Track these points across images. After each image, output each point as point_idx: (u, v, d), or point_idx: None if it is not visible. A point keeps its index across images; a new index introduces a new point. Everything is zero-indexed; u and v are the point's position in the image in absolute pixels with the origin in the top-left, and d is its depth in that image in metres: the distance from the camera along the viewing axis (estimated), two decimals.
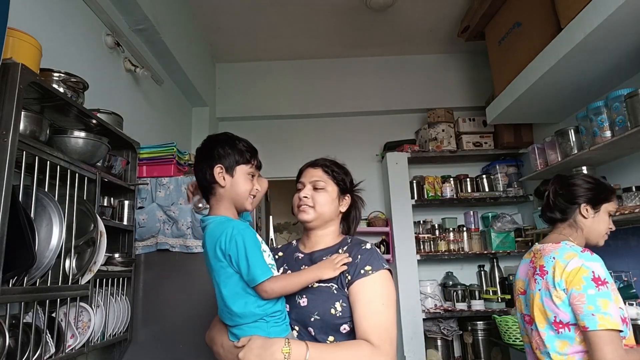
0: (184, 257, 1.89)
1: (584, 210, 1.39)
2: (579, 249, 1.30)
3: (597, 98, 2.22)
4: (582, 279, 1.20)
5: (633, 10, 1.62)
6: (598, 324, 1.15)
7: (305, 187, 1.20)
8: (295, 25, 3.22)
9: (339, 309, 1.04)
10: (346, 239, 1.20)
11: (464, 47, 3.44)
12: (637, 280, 2.10)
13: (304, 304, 1.06)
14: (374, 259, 1.09)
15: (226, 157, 1.07)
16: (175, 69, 2.78)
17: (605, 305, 1.16)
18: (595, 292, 1.18)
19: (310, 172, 1.22)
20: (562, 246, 1.33)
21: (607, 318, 1.15)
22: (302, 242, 1.25)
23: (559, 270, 1.26)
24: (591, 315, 1.16)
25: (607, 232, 1.42)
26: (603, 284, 1.19)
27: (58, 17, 1.70)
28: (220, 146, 1.08)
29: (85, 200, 1.41)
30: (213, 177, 1.06)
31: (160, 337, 1.83)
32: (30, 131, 1.20)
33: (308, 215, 1.17)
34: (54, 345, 1.25)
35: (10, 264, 1.05)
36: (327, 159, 1.25)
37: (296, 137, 3.60)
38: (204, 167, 1.08)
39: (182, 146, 2.72)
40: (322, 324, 1.04)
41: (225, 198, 1.08)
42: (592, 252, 1.28)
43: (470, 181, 3.32)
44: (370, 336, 1.00)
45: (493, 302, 2.92)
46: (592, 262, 1.23)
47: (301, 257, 1.20)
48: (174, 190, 1.92)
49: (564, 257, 1.28)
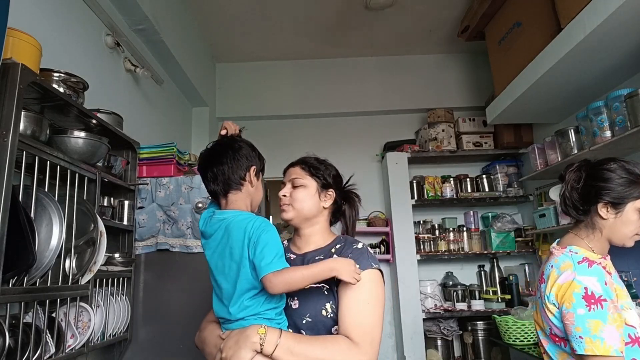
0: (184, 257, 1.89)
1: (602, 210, 1.17)
2: (578, 258, 1.14)
3: (597, 98, 2.22)
4: (572, 295, 1.06)
5: (633, 10, 1.62)
6: (585, 349, 1.02)
7: (285, 186, 1.20)
8: (295, 25, 3.22)
9: (329, 310, 1.03)
10: (339, 238, 1.19)
11: (464, 47, 3.44)
12: (637, 280, 2.10)
13: (295, 307, 1.06)
14: (362, 258, 1.08)
15: (258, 162, 1.16)
16: (175, 69, 2.78)
17: (596, 327, 1.02)
18: (585, 312, 1.03)
19: (289, 171, 1.22)
20: (565, 253, 1.18)
21: (595, 343, 1.01)
22: (293, 242, 1.24)
23: (551, 282, 1.14)
24: (578, 337, 1.04)
25: (637, 233, 1.18)
26: (596, 303, 1.03)
27: (58, 17, 1.70)
28: (255, 151, 1.16)
29: (85, 200, 1.41)
30: (249, 175, 1.11)
31: (160, 337, 1.83)
32: (30, 131, 1.20)
33: (287, 213, 1.16)
34: (54, 345, 1.25)
35: (10, 264, 1.05)
36: (307, 157, 1.24)
37: (296, 137, 3.60)
38: (243, 163, 1.11)
39: (182, 146, 2.72)
40: (313, 325, 1.03)
41: (248, 197, 1.12)
42: (592, 264, 1.12)
43: (470, 181, 3.32)
44: (351, 333, 0.99)
45: (493, 302, 2.92)
46: (585, 276, 1.08)
47: (293, 258, 1.18)
48: (174, 190, 1.92)
49: (560, 267, 1.15)
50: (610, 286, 1.09)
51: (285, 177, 1.23)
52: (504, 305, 2.90)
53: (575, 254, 1.16)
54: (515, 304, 2.83)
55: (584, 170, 1.22)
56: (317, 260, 1.12)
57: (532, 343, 2.21)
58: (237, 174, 1.10)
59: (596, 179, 1.19)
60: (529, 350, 2.13)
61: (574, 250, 1.18)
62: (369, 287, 1.04)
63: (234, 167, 1.10)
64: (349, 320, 1.00)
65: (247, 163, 1.11)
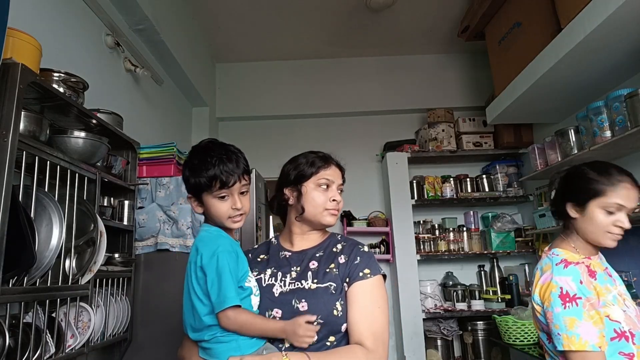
0: (184, 257, 1.88)
1: (571, 211, 1.24)
2: (556, 259, 1.21)
3: (597, 98, 2.22)
4: (550, 295, 1.14)
5: (633, 10, 1.62)
6: (563, 345, 1.09)
7: (332, 188, 1.14)
8: (295, 25, 3.22)
9: (340, 309, 1.02)
10: (334, 235, 1.18)
11: (464, 47, 3.44)
12: (637, 280, 2.10)
13: (303, 308, 1.02)
14: (372, 262, 1.09)
15: (191, 188, 1.09)
16: (175, 69, 2.78)
17: (572, 324, 1.08)
18: (561, 310, 1.11)
19: (337, 173, 1.17)
20: (548, 255, 1.26)
21: (571, 338, 1.08)
22: (285, 239, 1.20)
23: (535, 283, 1.23)
24: (557, 334, 1.11)
25: (608, 231, 1.20)
26: (571, 301, 1.10)
27: (58, 17, 1.70)
28: (191, 173, 1.09)
29: (85, 200, 1.41)
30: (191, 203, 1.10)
31: (160, 337, 1.83)
32: (30, 131, 1.20)
33: (334, 218, 1.14)
34: (54, 345, 1.25)
35: (10, 264, 1.05)
36: (336, 158, 1.21)
37: (296, 137, 3.60)
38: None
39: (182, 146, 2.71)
40: (326, 327, 1.01)
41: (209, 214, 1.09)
42: (570, 264, 1.18)
43: (470, 181, 3.32)
44: (366, 340, 0.99)
45: (493, 302, 2.92)
46: (562, 276, 1.15)
47: (289, 255, 1.15)
48: (174, 190, 1.92)
49: (542, 269, 1.23)
50: (587, 285, 1.14)
51: (331, 175, 1.14)
52: (504, 305, 2.90)
53: (556, 256, 1.23)
54: (515, 304, 2.83)
55: (564, 175, 1.31)
56: (317, 257, 1.11)
57: (532, 343, 2.21)
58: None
59: (565, 181, 1.29)
60: (529, 350, 2.13)
61: (555, 252, 1.25)
62: (380, 292, 1.06)
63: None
64: (362, 328, 1.01)
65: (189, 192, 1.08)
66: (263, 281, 1.09)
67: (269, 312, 1.04)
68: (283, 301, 1.04)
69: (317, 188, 1.13)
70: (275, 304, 1.04)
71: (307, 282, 1.06)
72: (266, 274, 1.11)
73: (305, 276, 1.08)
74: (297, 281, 1.07)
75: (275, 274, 1.10)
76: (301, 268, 1.10)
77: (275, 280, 1.09)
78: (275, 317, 1.03)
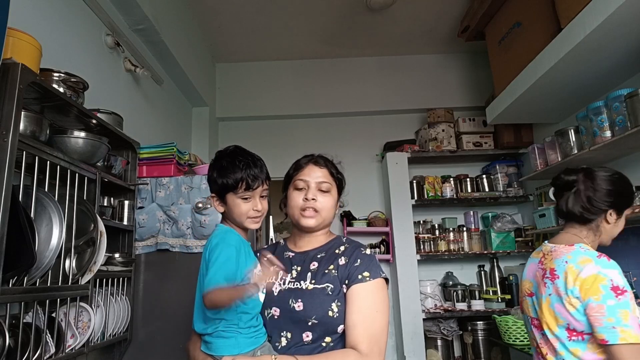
0: (184, 257, 1.89)
1: (609, 215, 1.29)
2: (594, 253, 1.21)
3: (597, 98, 2.22)
4: (599, 287, 1.12)
5: (633, 10, 1.62)
6: (619, 338, 1.08)
7: (309, 187, 1.12)
8: (295, 25, 3.22)
9: (335, 310, 1.02)
10: (340, 238, 1.18)
11: (464, 47, 3.44)
12: (637, 280, 2.10)
13: (299, 308, 1.02)
14: (373, 265, 1.08)
15: (216, 186, 1.15)
16: (175, 69, 2.78)
17: (626, 316, 1.09)
18: (615, 302, 1.10)
19: (315, 171, 1.14)
20: (576, 249, 1.24)
21: (628, 331, 1.07)
22: (291, 241, 1.21)
23: (572, 277, 1.18)
24: (612, 328, 1.09)
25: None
26: (622, 293, 1.11)
27: (58, 17, 1.70)
28: (216, 173, 1.16)
29: (85, 200, 1.41)
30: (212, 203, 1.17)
31: (160, 337, 1.83)
32: (30, 131, 1.20)
33: (313, 220, 1.11)
34: (54, 345, 1.25)
35: (10, 264, 1.05)
36: (327, 158, 1.19)
37: (296, 137, 3.60)
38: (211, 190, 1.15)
39: (182, 146, 2.72)
40: (320, 327, 1.01)
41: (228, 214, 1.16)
42: (609, 258, 1.19)
43: (470, 181, 3.32)
44: (360, 344, 0.98)
45: (493, 302, 2.92)
46: (609, 269, 1.15)
47: (292, 255, 1.16)
48: (174, 190, 1.92)
49: (577, 262, 1.19)
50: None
51: (308, 175, 1.13)
52: (504, 305, 2.89)
53: (589, 250, 1.24)
54: (515, 304, 2.83)
55: (591, 178, 1.31)
56: (319, 257, 1.12)
57: None
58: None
59: (615, 186, 1.30)
60: (529, 350, 2.12)
61: (584, 247, 1.25)
62: (379, 296, 1.05)
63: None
64: (358, 331, 1.00)
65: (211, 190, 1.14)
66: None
67: (268, 310, 1.06)
68: (281, 300, 1.05)
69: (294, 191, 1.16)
70: (274, 303, 1.06)
71: (305, 283, 1.07)
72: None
73: (305, 276, 1.09)
74: (296, 281, 1.08)
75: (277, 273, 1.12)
76: (302, 268, 1.11)
77: (276, 279, 1.10)
78: (274, 315, 1.05)
